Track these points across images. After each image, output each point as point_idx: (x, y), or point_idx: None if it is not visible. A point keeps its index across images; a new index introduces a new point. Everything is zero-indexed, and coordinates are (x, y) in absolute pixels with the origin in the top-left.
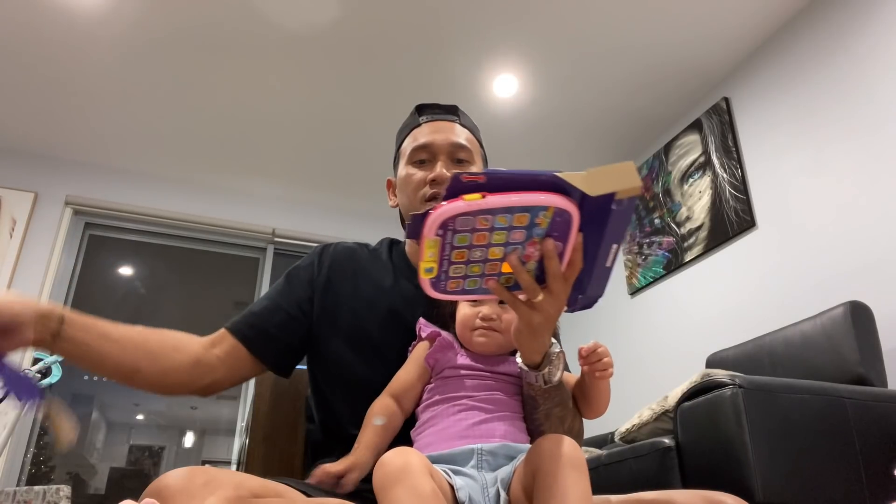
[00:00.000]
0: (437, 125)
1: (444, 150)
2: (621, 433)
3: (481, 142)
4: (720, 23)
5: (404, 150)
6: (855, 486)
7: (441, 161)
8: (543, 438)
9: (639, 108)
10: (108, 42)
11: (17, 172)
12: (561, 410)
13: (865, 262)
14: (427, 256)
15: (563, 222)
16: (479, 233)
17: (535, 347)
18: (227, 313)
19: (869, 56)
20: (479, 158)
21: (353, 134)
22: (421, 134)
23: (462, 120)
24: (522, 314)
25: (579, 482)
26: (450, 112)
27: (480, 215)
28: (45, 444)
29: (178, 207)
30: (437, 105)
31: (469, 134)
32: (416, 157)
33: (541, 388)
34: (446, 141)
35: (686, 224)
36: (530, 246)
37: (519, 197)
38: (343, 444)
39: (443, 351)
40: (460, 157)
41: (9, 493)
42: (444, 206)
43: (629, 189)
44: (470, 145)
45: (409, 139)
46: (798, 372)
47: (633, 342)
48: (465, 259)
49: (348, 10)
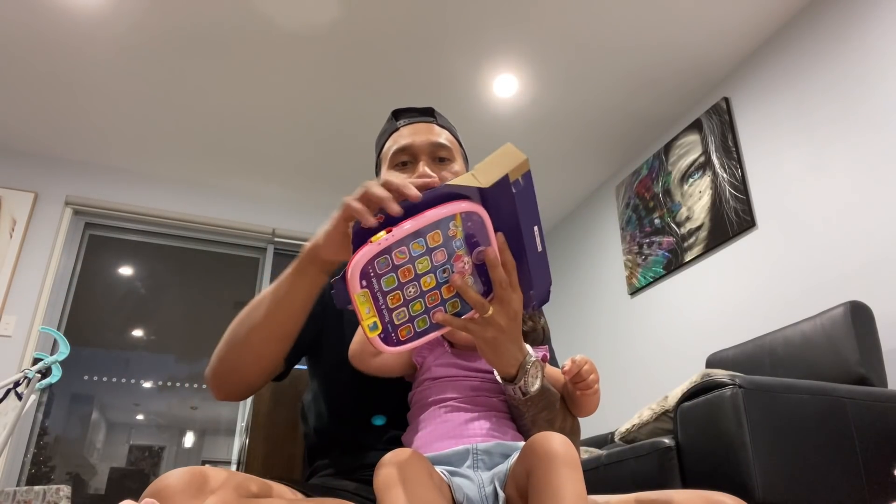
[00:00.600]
0: (415, 127)
1: (424, 150)
2: (621, 433)
3: (460, 140)
4: (720, 23)
5: (385, 155)
6: (855, 486)
7: (423, 161)
8: (536, 437)
9: (639, 108)
10: (109, 42)
11: (17, 172)
12: (548, 414)
13: (865, 262)
14: (364, 314)
15: (477, 225)
16: (402, 268)
17: (504, 361)
18: (227, 313)
19: (869, 56)
20: (459, 157)
21: (353, 134)
22: (400, 137)
23: (439, 120)
24: (477, 333)
25: (572, 479)
26: (426, 114)
27: (395, 249)
28: (44, 444)
29: (178, 207)
30: (412, 108)
31: (448, 134)
32: (397, 160)
33: (520, 399)
34: (426, 141)
35: (686, 224)
36: (457, 261)
37: (421, 217)
38: (339, 448)
39: (430, 349)
40: (441, 155)
41: (9, 493)
42: (355, 257)
43: (518, 166)
44: (450, 144)
45: (388, 143)
46: (798, 372)
47: (633, 342)
48: (402, 300)
49: (348, 10)
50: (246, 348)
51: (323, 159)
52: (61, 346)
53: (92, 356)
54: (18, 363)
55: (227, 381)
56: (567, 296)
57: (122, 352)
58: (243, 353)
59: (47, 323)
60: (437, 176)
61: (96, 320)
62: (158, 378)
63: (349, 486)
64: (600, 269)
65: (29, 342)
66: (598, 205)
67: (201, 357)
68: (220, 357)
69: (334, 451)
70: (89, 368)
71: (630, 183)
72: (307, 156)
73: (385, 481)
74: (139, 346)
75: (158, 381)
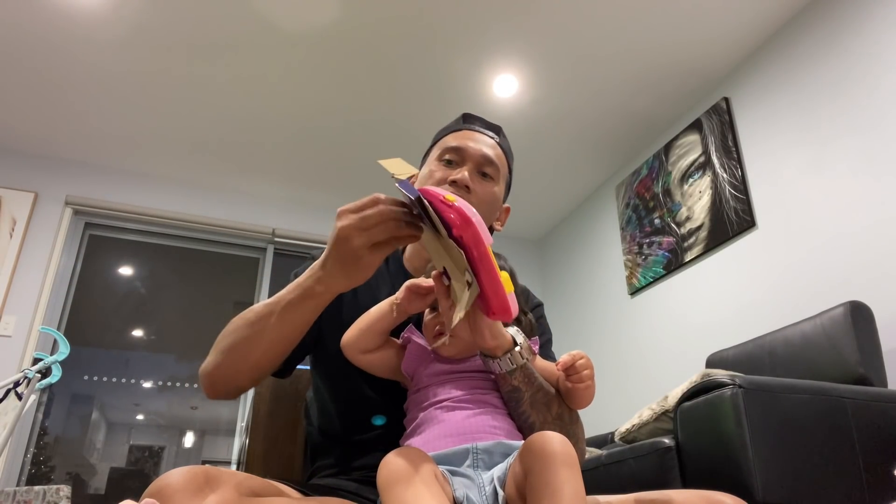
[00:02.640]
0: (476, 135)
1: (474, 157)
2: (621, 433)
3: (511, 168)
4: (720, 23)
5: (439, 145)
6: (855, 486)
7: (468, 167)
8: (534, 436)
9: (639, 108)
10: (109, 42)
11: (17, 172)
12: (543, 395)
13: (865, 262)
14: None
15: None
16: None
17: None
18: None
19: (868, 56)
20: (503, 181)
21: (353, 134)
22: (461, 137)
23: (502, 142)
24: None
25: (571, 479)
26: (493, 130)
27: None
28: (44, 444)
29: (178, 207)
30: (484, 119)
31: (503, 155)
32: (445, 156)
33: (505, 375)
34: (478, 150)
35: (686, 224)
36: None
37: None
38: (341, 447)
39: (418, 359)
40: (486, 170)
41: (9, 493)
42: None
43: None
44: (499, 163)
45: (447, 137)
46: (798, 372)
47: (633, 342)
48: None
49: (348, 11)
50: (245, 360)
51: (323, 159)
52: (61, 346)
53: (92, 356)
54: (18, 363)
55: (223, 385)
56: (567, 296)
57: (122, 352)
58: (241, 364)
59: (47, 323)
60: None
61: (96, 320)
62: (158, 378)
63: (350, 486)
64: (600, 269)
65: (29, 342)
66: (598, 205)
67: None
68: (218, 363)
69: (336, 449)
70: (89, 368)
71: (630, 183)
72: (307, 156)
73: (388, 479)
74: (139, 346)
75: (158, 381)
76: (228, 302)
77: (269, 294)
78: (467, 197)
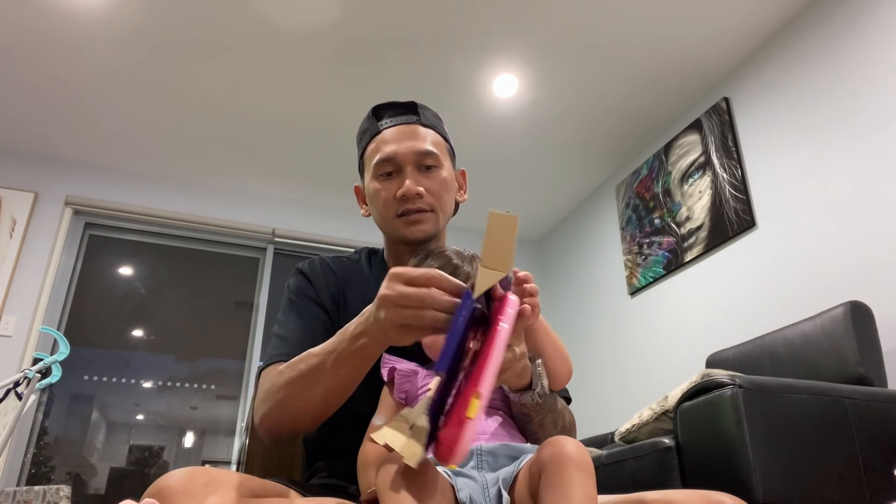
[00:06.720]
0: (399, 131)
1: (409, 159)
2: (621, 433)
3: (446, 136)
4: (720, 23)
5: (368, 160)
6: (855, 486)
7: (408, 171)
8: (550, 440)
9: (639, 108)
10: (109, 42)
11: (17, 172)
12: (553, 416)
13: (865, 262)
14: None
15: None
16: None
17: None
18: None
19: (869, 56)
20: (446, 157)
21: (353, 134)
22: (383, 143)
23: (423, 118)
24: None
25: (584, 484)
26: (409, 110)
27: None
28: (44, 444)
29: (178, 207)
30: (394, 104)
31: (434, 134)
32: (381, 171)
33: (536, 402)
34: (411, 150)
35: (686, 224)
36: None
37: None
38: (338, 451)
39: (407, 382)
40: (427, 163)
41: (9, 493)
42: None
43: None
44: (436, 148)
45: (371, 147)
46: (798, 372)
47: (633, 342)
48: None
49: (348, 10)
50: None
51: (323, 159)
52: (61, 346)
53: (92, 356)
54: (18, 363)
55: (282, 432)
56: (567, 296)
57: (122, 352)
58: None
59: (47, 323)
60: (423, 188)
61: (96, 320)
62: (158, 378)
63: (349, 487)
64: (600, 269)
65: (29, 342)
66: (598, 205)
67: (201, 357)
68: (276, 416)
69: (334, 452)
70: (89, 368)
71: (630, 183)
72: (307, 156)
73: (386, 481)
74: (139, 346)
75: (158, 381)
76: (228, 302)
77: (268, 294)
78: (424, 198)
